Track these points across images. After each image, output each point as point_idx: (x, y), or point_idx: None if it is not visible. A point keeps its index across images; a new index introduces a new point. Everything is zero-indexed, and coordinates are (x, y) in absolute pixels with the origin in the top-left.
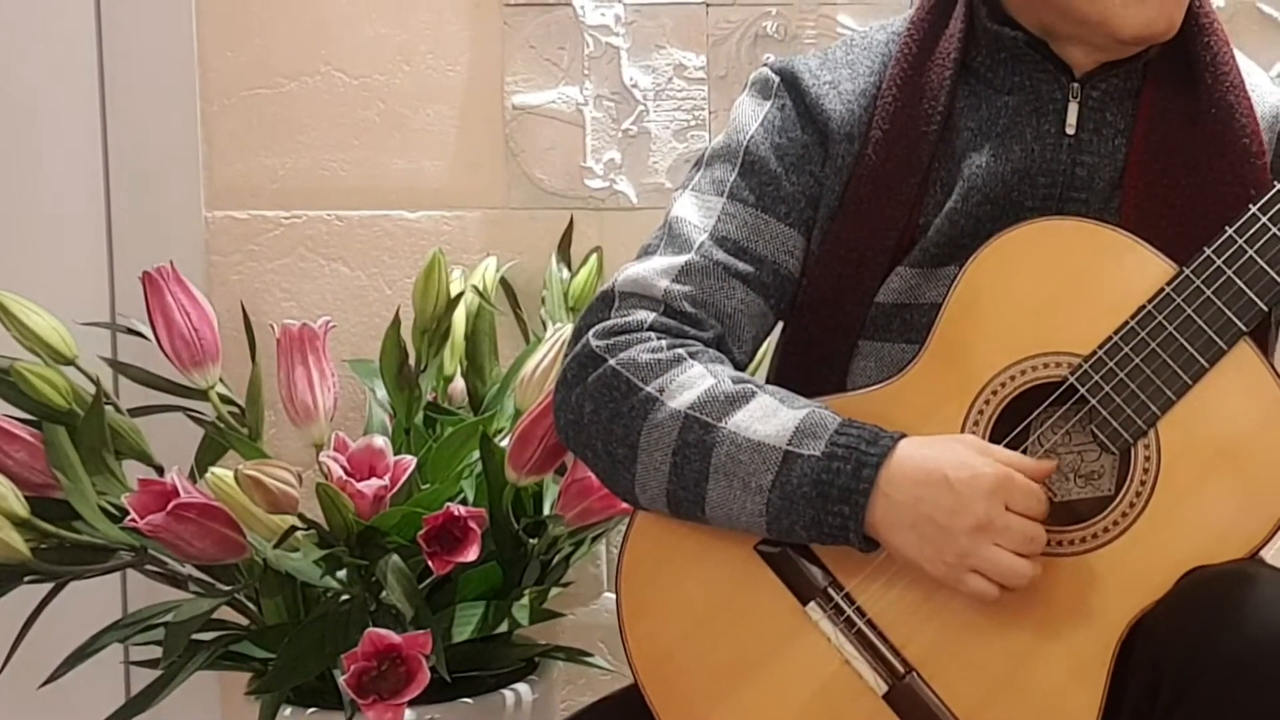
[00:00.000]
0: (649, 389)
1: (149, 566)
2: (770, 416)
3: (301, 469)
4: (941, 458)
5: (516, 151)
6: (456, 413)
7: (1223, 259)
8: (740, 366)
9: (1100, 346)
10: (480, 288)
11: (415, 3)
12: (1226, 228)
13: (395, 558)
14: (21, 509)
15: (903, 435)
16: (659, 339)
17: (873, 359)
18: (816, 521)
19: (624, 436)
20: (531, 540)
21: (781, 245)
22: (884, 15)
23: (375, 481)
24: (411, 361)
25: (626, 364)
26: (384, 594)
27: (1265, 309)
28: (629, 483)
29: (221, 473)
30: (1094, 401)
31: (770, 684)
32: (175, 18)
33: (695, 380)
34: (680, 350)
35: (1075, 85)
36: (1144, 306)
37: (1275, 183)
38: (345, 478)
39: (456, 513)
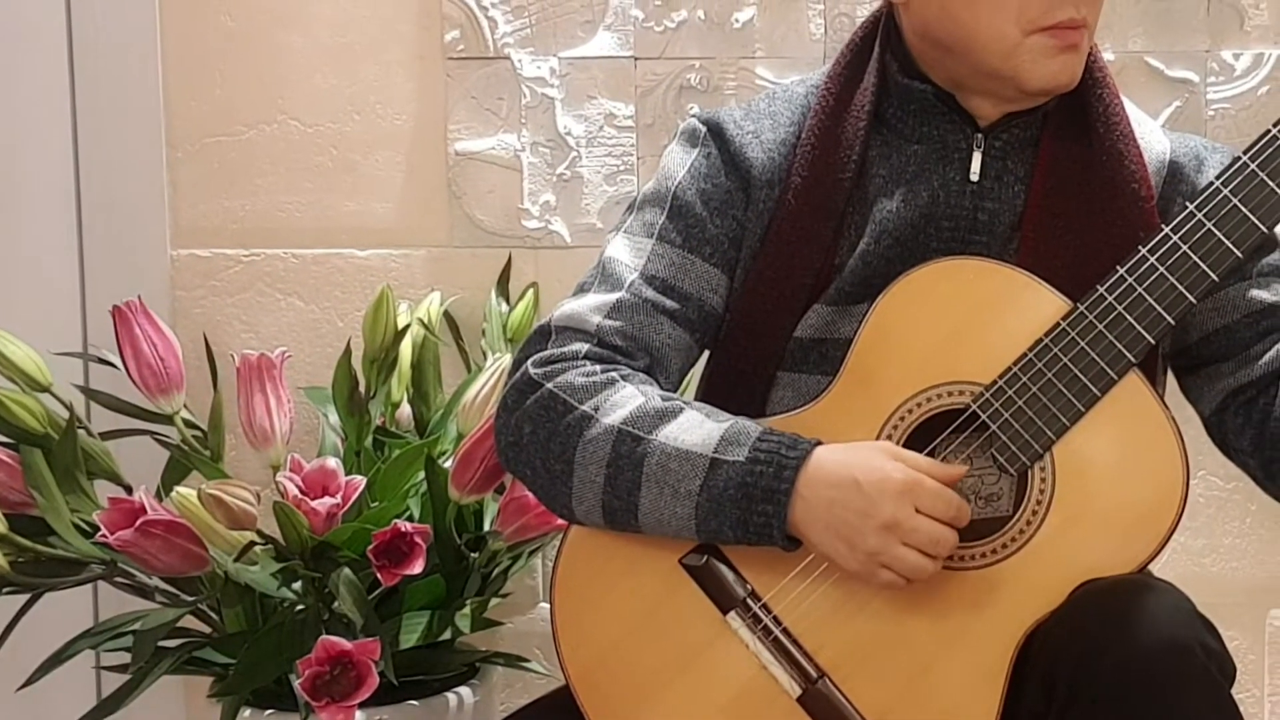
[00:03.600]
0: (584, 408)
1: (118, 579)
2: (696, 428)
3: (260, 488)
4: (853, 462)
5: (459, 194)
6: (403, 436)
7: (1114, 296)
8: None
9: (1000, 376)
10: (425, 320)
11: (365, 56)
12: (1118, 267)
13: (347, 570)
14: (0, 525)
15: (819, 442)
16: (592, 365)
17: (790, 389)
18: (742, 522)
19: (561, 453)
20: (473, 554)
21: (706, 284)
22: (800, 69)
23: (328, 500)
24: (362, 389)
25: (563, 386)
26: (336, 604)
27: (1153, 342)
28: (566, 497)
29: (186, 492)
30: (994, 427)
31: (693, 687)
32: (143, 70)
33: (627, 399)
34: (613, 373)
35: (979, 136)
36: (1041, 339)
37: (1162, 225)
38: (300, 496)
39: (403, 529)
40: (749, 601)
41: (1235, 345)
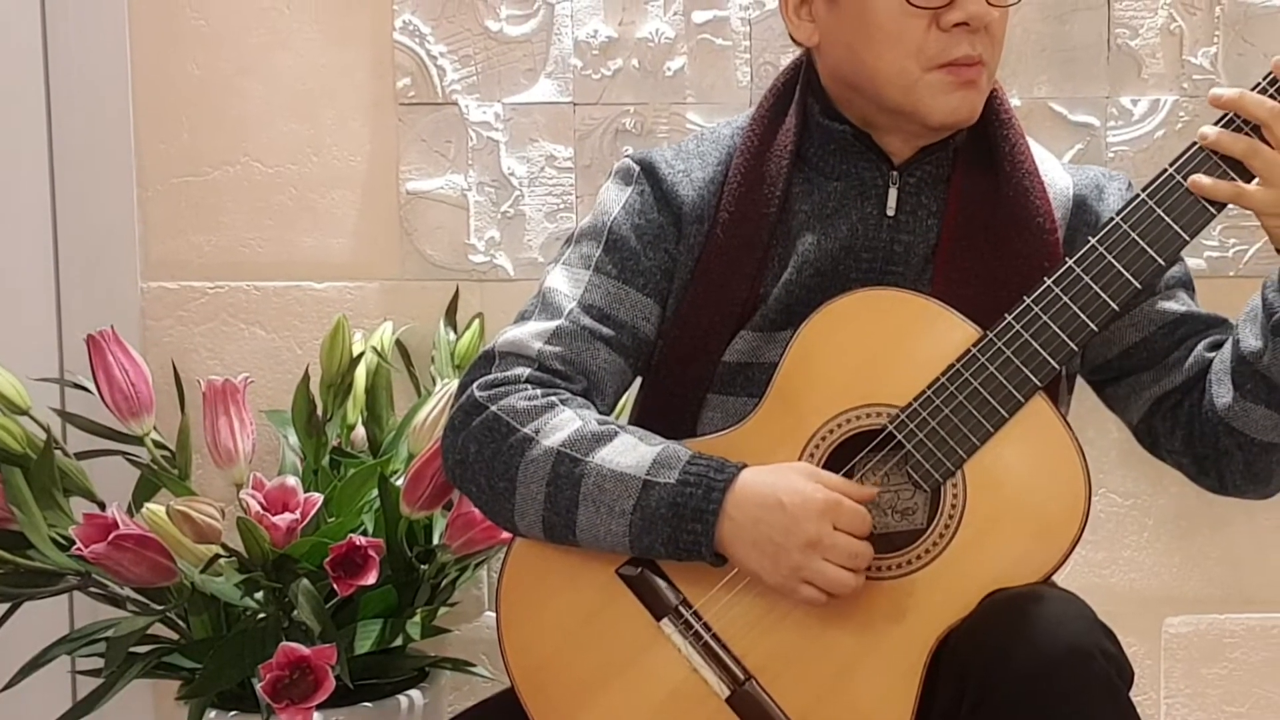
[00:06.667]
0: (526, 430)
1: (92, 589)
2: (630, 451)
3: (224, 505)
4: (778, 484)
5: (410, 230)
6: (358, 456)
7: (1021, 324)
8: None
9: (915, 399)
10: (378, 348)
11: (322, 103)
12: (1025, 297)
13: (305, 581)
14: None
15: (745, 465)
16: (534, 389)
17: (719, 411)
18: (673, 539)
19: (504, 472)
20: (423, 566)
21: (640, 312)
22: (728, 113)
23: (288, 515)
24: (319, 412)
25: (506, 409)
26: (295, 612)
27: (1057, 367)
28: (509, 512)
29: (155, 508)
30: (909, 447)
31: (629, 689)
32: (116, 115)
33: (566, 422)
34: (553, 397)
35: (895, 173)
36: (953, 365)
37: (1066, 258)
38: (262, 512)
39: (358, 542)
40: (681, 609)
41: (1154, 356)
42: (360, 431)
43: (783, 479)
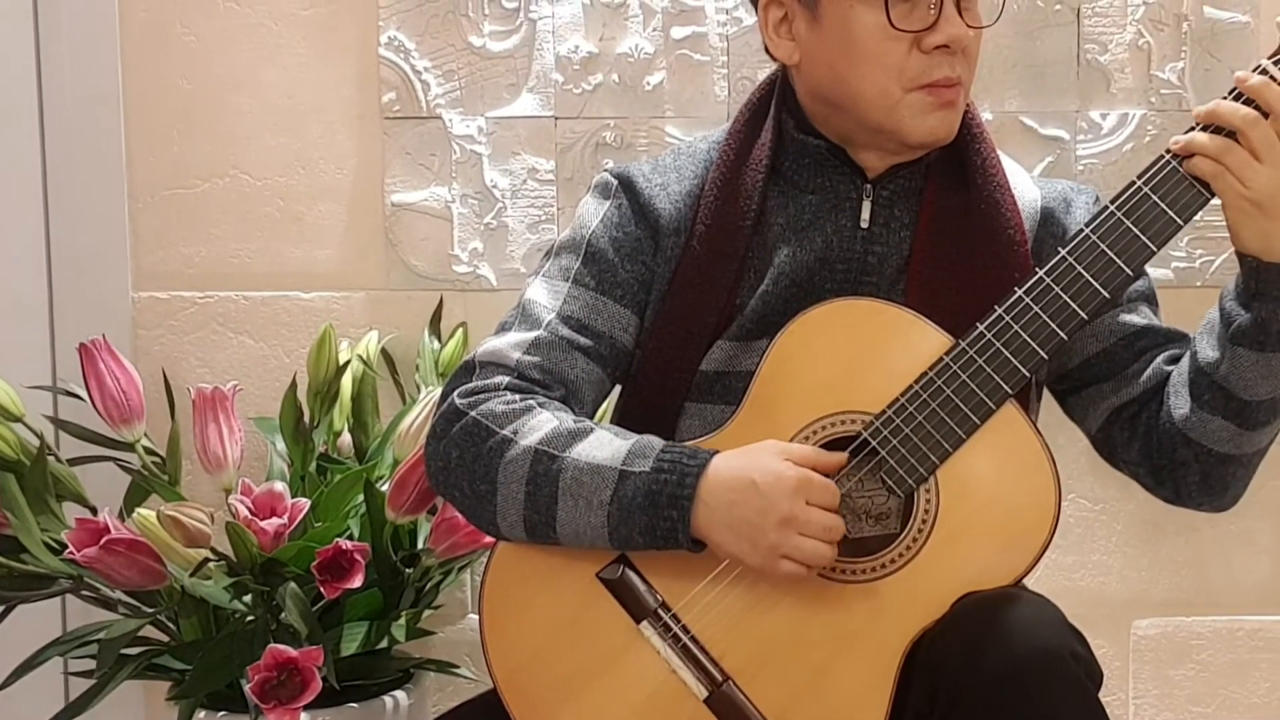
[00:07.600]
0: (504, 432)
1: (85, 592)
2: (606, 445)
3: (213, 510)
4: (750, 466)
5: (395, 242)
6: (344, 462)
7: (993, 333)
8: None
9: (889, 406)
10: (364, 357)
11: (309, 116)
12: (996, 307)
13: (293, 585)
14: None
15: (717, 451)
16: (512, 394)
17: (697, 418)
18: (651, 527)
19: (485, 474)
20: (408, 570)
21: (618, 323)
22: (706, 127)
23: (275, 520)
24: (306, 419)
25: (485, 414)
26: (283, 615)
27: (1028, 375)
28: (491, 514)
29: (146, 513)
30: (883, 453)
31: (608, 690)
32: (108, 129)
33: (542, 423)
34: (530, 401)
35: (868, 186)
36: (926, 373)
37: (1036, 268)
38: (250, 517)
39: (344, 546)
40: (660, 612)
41: (1114, 367)
42: (346, 438)
43: (754, 460)
